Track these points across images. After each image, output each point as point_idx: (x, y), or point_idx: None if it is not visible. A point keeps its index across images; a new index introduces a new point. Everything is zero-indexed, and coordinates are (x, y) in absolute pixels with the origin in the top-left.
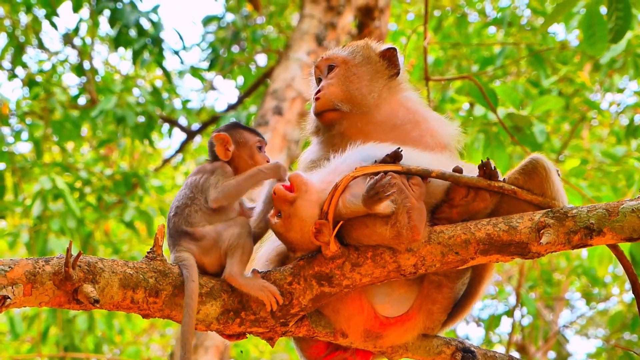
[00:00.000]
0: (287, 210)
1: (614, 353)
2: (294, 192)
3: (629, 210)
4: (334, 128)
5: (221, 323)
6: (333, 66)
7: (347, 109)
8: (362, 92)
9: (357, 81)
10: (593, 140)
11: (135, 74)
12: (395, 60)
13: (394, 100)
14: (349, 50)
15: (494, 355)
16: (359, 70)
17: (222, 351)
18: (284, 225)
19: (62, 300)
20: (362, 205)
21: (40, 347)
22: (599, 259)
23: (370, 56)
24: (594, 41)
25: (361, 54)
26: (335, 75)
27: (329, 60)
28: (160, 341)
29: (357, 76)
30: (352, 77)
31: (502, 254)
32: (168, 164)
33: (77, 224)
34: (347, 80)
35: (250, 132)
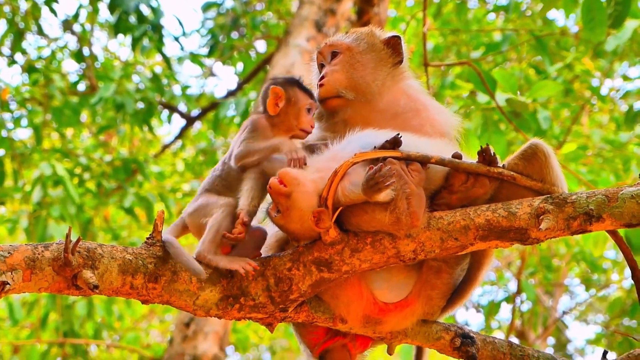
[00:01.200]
0: (285, 203)
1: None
2: (288, 186)
3: (629, 197)
4: (337, 115)
5: (220, 309)
6: (337, 53)
7: (351, 97)
8: (366, 80)
9: (362, 69)
10: (593, 127)
11: (134, 60)
12: (399, 49)
13: (397, 88)
14: (353, 37)
15: (493, 341)
16: (363, 58)
17: (221, 337)
18: (284, 217)
19: (62, 286)
20: (361, 194)
21: (40, 333)
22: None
23: (374, 44)
24: (593, 26)
25: (365, 41)
26: (339, 62)
27: (333, 46)
28: (159, 327)
29: (362, 63)
30: (356, 65)
31: (501, 240)
32: (168, 150)
33: (77, 210)
34: (352, 67)
35: (304, 92)
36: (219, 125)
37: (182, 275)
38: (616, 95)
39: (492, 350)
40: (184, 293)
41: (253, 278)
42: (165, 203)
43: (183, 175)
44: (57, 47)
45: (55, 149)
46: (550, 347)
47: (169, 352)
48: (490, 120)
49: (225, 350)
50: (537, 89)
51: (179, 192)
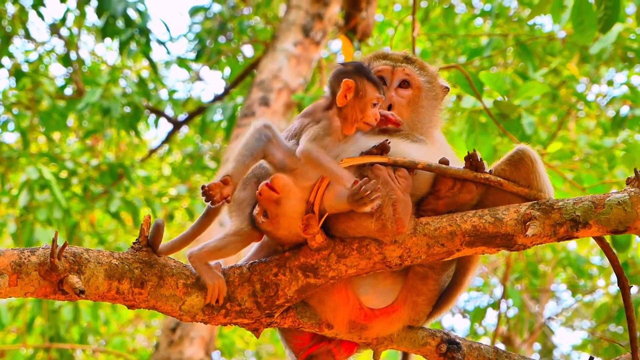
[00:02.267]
0: (274, 210)
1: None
2: (279, 193)
3: (615, 203)
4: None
5: (206, 314)
6: (407, 84)
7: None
8: (423, 124)
9: (424, 112)
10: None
11: (121, 64)
12: (443, 101)
13: (431, 134)
14: (426, 78)
15: (479, 346)
16: (428, 103)
17: (207, 342)
18: (272, 224)
19: (48, 291)
20: (347, 205)
21: (26, 337)
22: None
23: (436, 91)
24: (583, 29)
25: (432, 85)
26: (407, 96)
27: (408, 76)
28: (145, 332)
29: (425, 108)
30: (419, 108)
31: (487, 245)
32: (154, 154)
33: (63, 214)
34: (416, 107)
35: (374, 85)
36: (206, 130)
37: (168, 280)
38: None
39: (477, 356)
40: (170, 298)
41: (218, 305)
42: (152, 208)
43: (169, 180)
44: (44, 51)
45: (42, 153)
46: (536, 353)
47: (155, 357)
48: (477, 123)
49: (212, 355)
50: (524, 91)
51: (165, 197)
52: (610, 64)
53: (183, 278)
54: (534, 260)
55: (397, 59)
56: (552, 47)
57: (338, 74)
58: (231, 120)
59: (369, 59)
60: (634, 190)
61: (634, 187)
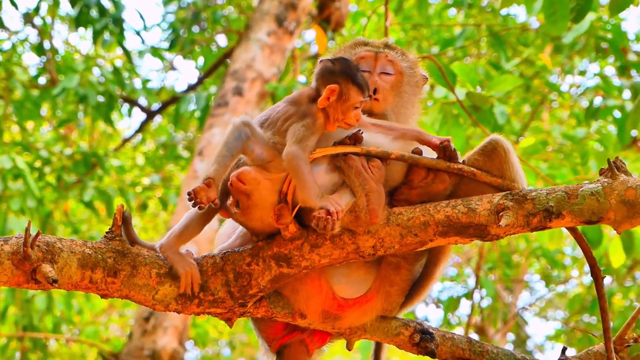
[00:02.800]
0: (246, 201)
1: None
2: (247, 185)
3: (589, 194)
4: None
5: (179, 303)
6: (389, 69)
7: (392, 120)
8: (406, 110)
9: (406, 97)
10: (553, 122)
11: (95, 53)
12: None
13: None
14: (407, 63)
15: (452, 337)
16: (409, 89)
17: (180, 331)
18: (244, 214)
19: (21, 280)
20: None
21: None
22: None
23: (417, 78)
24: (555, 19)
25: (413, 72)
26: (390, 82)
27: (391, 62)
28: (119, 321)
29: (407, 93)
30: (402, 93)
31: (461, 236)
32: (128, 143)
33: (37, 203)
34: (399, 93)
35: (359, 89)
36: (180, 120)
37: (141, 269)
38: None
39: (451, 346)
40: (143, 287)
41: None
42: (125, 197)
43: (143, 169)
44: (17, 40)
45: (15, 142)
46: (509, 343)
47: (128, 346)
48: (450, 114)
49: (185, 344)
50: (496, 83)
51: (138, 186)
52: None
53: (156, 267)
54: (507, 251)
55: (379, 46)
56: (525, 38)
57: (325, 73)
58: (205, 110)
59: (350, 45)
60: (607, 180)
61: (607, 177)
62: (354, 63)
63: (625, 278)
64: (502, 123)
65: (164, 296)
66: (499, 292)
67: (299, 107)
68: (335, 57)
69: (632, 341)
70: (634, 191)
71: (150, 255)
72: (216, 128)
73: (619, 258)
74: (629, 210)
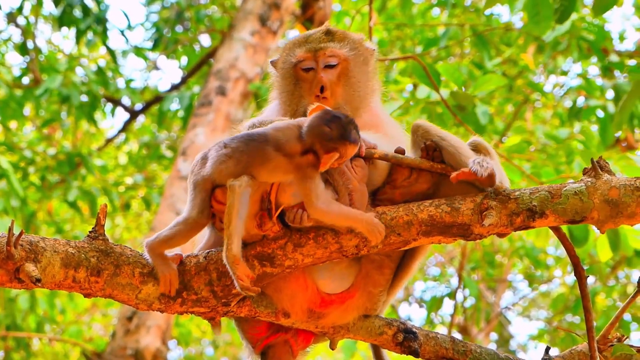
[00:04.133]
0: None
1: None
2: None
3: (572, 193)
4: None
5: (163, 303)
6: (332, 61)
7: (348, 112)
8: (360, 96)
9: (357, 84)
10: (536, 122)
11: (78, 53)
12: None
13: (369, 103)
14: (349, 47)
15: (435, 336)
16: (358, 72)
17: (164, 331)
18: None
19: (4, 279)
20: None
21: None
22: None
23: (365, 56)
24: (539, 20)
25: (359, 52)
26: (337, 73)
27: (331, 56)
28: (102, 321)
29: (357, 79)
30: (352, 79)
31: (444, 235)
32: (111, 143)
33: (20, 203)
34: (349, 81)
35: (354, 145)
36: (163, 119)
37: (124, 269)
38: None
39: (434, 346)
40: (126, 287)
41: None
42: (109, 197)
43: (126, 169)
44: (1, 39)
45: None
46: (493, 343)
47: (112, 345)
48: (434, 113)
49: (168, 344)
50: (481, 83)
51: (122, 186)
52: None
53: (139, 267)
54: (490, 250)
55: (318, 40)
56: (508, 37)
57: (323, 139)
58: (188, 109)
59: (290, 47)
60: (590, 180)
61: (591, 177)
62: (346, 118)
63: (609, 278)
64: (485, 123)
65: (147, 295)
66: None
67: (291, 157)
68: (327, 114)
69: (616, 340)
70: (618, 191)
71: (133, 255)
72: (199, 128)
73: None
74: (613, 210)
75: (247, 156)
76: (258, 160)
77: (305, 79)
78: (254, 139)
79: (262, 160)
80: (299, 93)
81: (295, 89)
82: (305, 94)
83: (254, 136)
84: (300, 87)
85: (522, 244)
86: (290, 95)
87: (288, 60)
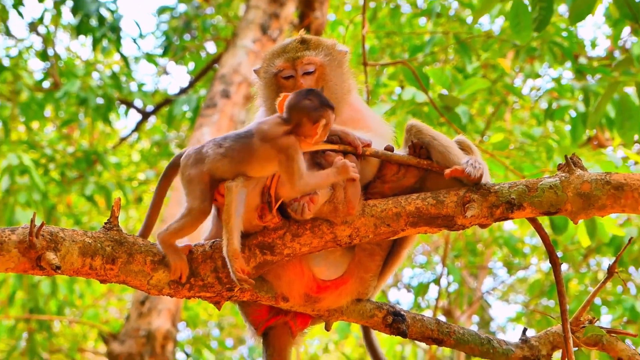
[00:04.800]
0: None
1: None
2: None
3: (547, 187)
4: None
5: (172, 288)
6: (309, 69)
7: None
8: (337, 97)
9: (333, 86)
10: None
11: (94, 59)
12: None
13: (348, 100)
14: (323, 53)
15: (422, 318)
16: (334, 75)
17: (173, 314)
18: None
19: (27, 267)
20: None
21: (8, 309)
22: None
23: (339, 59)
24: (520, 29)
25: (333, 56)
26: (314, 79)
27: (308, 64)
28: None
29: (333, 82)
30: (329, 83)
31: (430, 226)
32: (125, 142)
33: (42, 197)
34: (327, 83)
35: (333, 111)
36: (172, 120)
37: (137, 257)
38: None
39: (421, 327)
40: (138, 274)
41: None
42: (123, 191)
43: (139, 166)
44: (23, 47)
45: (22, 141)
46: (474, 325)
47: (126, 327)
48: (422, 113)
49: (177, 326)
50: (466, 86)
51: (135, 181)
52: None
53: (150, 255)
54: (472, 240)
55: (295, 49)
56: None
57: (308, 110)
58: (195, 110)
59: (269, 57)
60: (564, 175)
61: (565, 172)
62: (316, 90)
63: (581, 265)
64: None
65: (157, 281)
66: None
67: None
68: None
69: (587, 322)
70: (589, 185)
71: (145, 244)
72: (205, 127)
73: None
74: (584, 202)
75: (239, 153)
76: (247, 155)
77: (286, 86)
78: (241, 136)
79: (250, 154)
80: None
81: (277, 95)
82: None
83: (241, 134)
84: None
85: (501, 234)
86: (272, 102)
87: (269, 70)
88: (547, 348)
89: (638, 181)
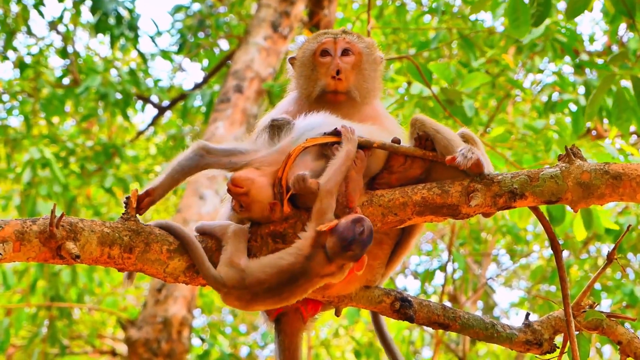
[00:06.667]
0: (245, 200)
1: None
2: (243, 187)
3: (548, 177)
4: (331, 107)
5: (187, 276)
6: (349, 51)
7: (357, 98)
8: (367, 88)
9: (367, 76)
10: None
11: (112, 56)
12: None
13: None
14: (364, 44)
15: (428, 304)
16: (369, 67)
17: (189, 300)
18: (248, 211)
19: (47, 256)
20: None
21: (29, 297)
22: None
23: (375, 57)
24: (518, 25)
25: (371, 52)
26: (351, 62)
27: (348, 44)
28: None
29: (367, 72)
30: (363, 71)
31: (435, 215)
32: (142, 136)
33: (62, 189)
34: (360, 72)
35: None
36: (187, 114)
37: (153, 246)
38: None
39: (427, 313)
40: (155, 262)
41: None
42: (140, 183)
43: (155, 159)
44: (44, 45)
45: (43, 135)
46: (479, 310)
47: (143, 314)
48: (427, 107)
49: (193, 312)
50: (468, 80)
51: (151, 173)
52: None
53: (167, 244)
54: (476, 228)
55: (338, 33)
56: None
57: (350, 256)
58: (209, 105)
59: (313, 37)
60: (564, 165)
61: (565, 162)
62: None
63: (581, 252)
64: (471, 115)
65: (173, 269)
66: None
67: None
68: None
69: (588, 307)
70: (589, 174)
71: (161, 234)
72: (219, 122)
73: (582, 233)
74: (584, 191)
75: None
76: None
77: (322, 64)
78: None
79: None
80: (316, 77)
81: (313, 73)
82: (322, 76)
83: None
84: (317, 71)
85: (504, 222)
86: (307, 80)
87: (309, 48)
88: (549, 332)
89: (635, 171)
